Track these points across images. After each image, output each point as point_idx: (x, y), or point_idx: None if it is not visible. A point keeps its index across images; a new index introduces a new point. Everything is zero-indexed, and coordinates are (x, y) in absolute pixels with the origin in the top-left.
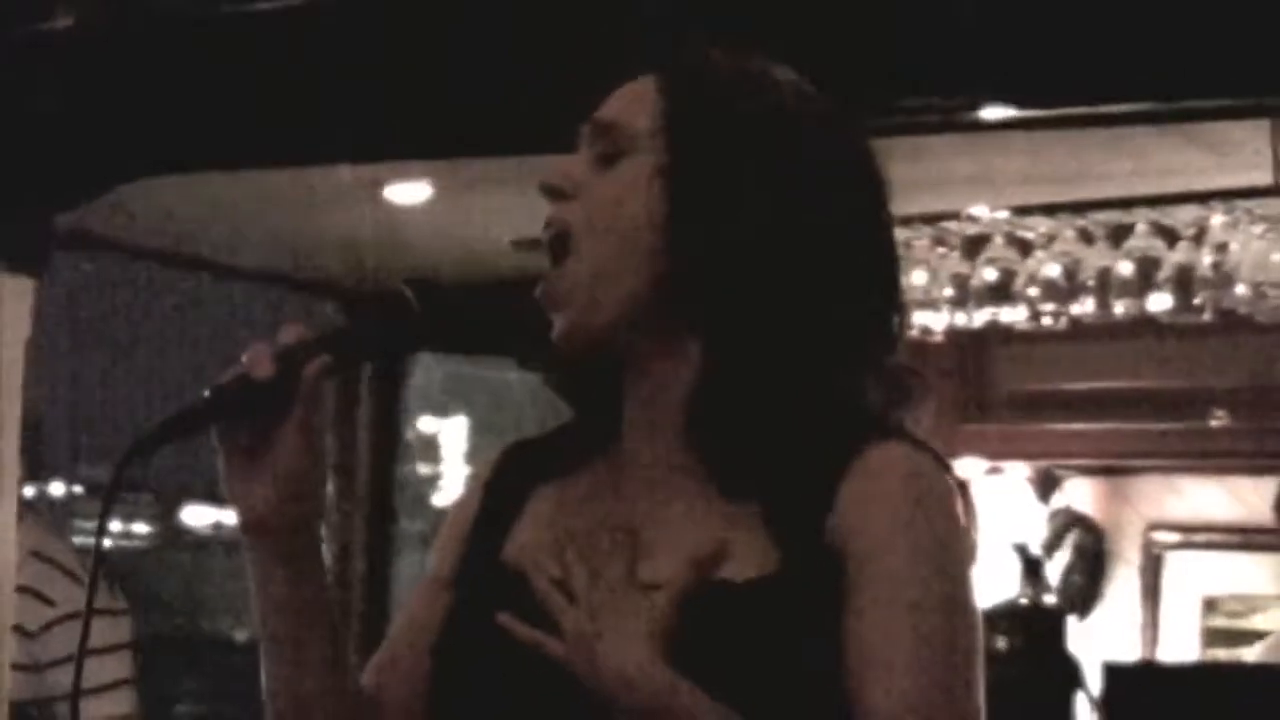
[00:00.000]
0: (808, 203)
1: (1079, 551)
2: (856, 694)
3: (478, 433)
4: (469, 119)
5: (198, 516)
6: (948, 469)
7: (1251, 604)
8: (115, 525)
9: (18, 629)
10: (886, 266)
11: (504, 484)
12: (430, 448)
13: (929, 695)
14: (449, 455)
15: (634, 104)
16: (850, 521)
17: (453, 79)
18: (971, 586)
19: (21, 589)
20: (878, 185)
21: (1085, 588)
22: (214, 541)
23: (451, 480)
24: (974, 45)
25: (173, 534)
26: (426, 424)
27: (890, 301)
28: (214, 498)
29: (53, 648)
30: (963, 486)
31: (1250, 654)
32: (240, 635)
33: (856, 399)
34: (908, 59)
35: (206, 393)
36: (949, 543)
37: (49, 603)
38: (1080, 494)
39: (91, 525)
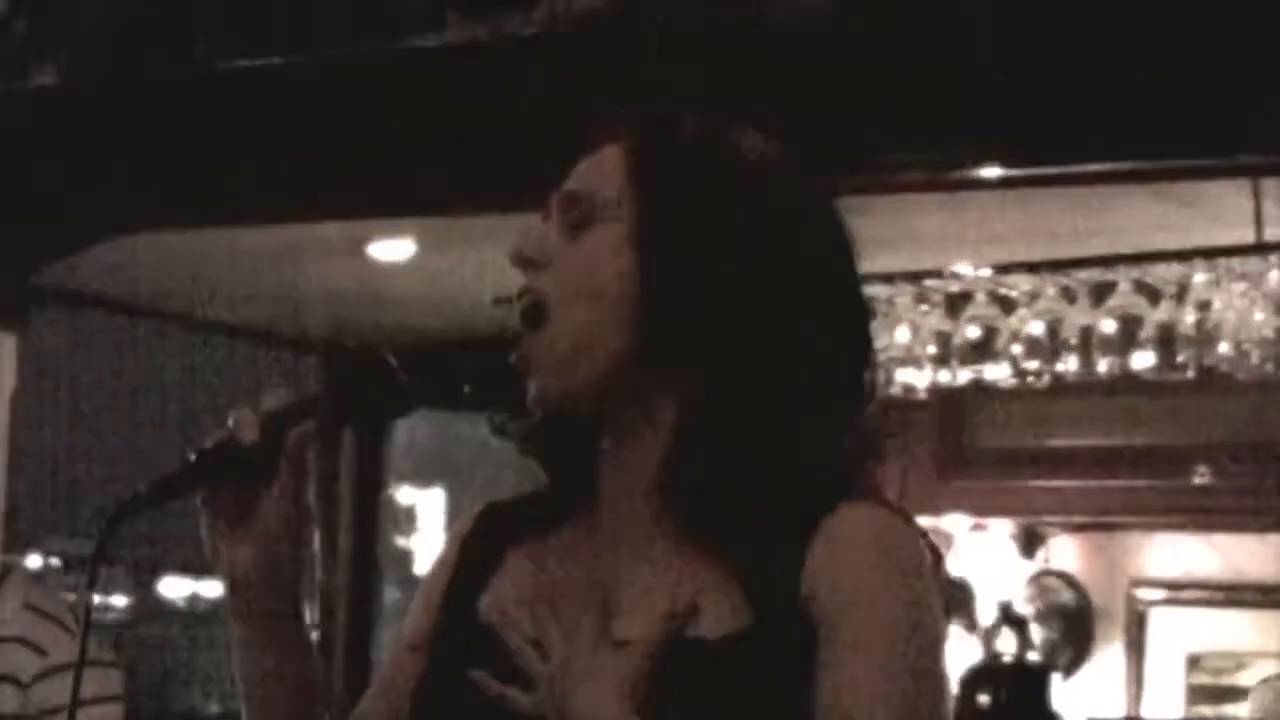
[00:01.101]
0: (777, 264)
1: (1062, 611)
2: None
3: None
4: (452, 177)
5: (174, 588)
6: (918, 531)
7: (1237, 660)
8: (94, 597)
9: (11, 679)
10: (858, 325)
11: (479, 544)
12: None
13: None
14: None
15: (601, 173)
16: (820, 584)
17: (437, 139)
18: (941, 650)
19: (15, 639)
20: (846, 244)
21: (1069, 647)
22: (189, 614)
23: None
24: (964, 106)
25: (150, 606)
26: (405, 494)
27: (862, 360)
28: (191, 569)
29: (46, 697)
30: (934, 550)
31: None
32: (213, 708)
33: (829, 459)
34: (897, 118)
35: (191, 456)
36: (918, 606)
37: (42, 653)
38: (1064, 551)
39: (70, 596)
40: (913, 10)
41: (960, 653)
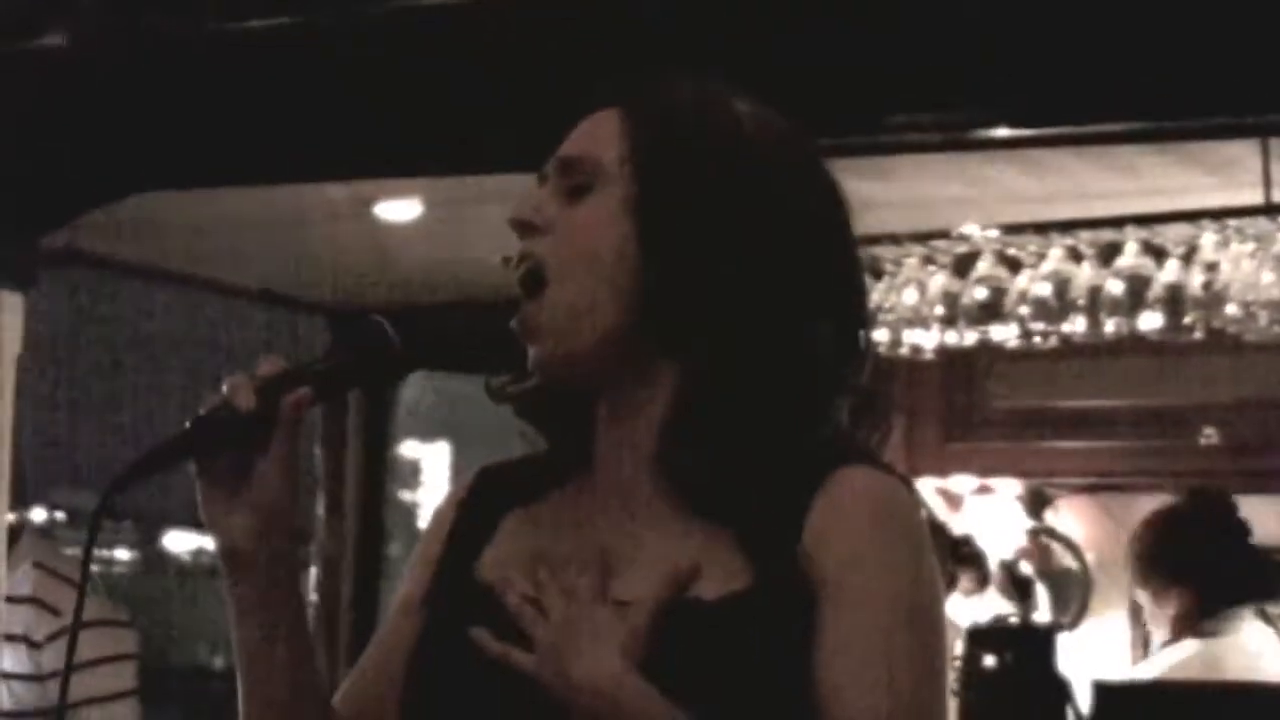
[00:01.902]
0: (774, 231)
1: (1060, 572)
2: (828, 712)
3: (459, 449)
4: (459, 137)
5: (179, 542)
6: (913, 492)
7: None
8: (98, 551)
9: (24, 639)
10: (854, 288)
11: (476, 507)
12: (415, 471)
13: (898, 714)
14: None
15: (599, 138)
16: (820, 544)
17: (444, 99)
18: (939, 610)
19: (28, 599)
20: (842, 208)
21: (1067, 608)
22: (195, 568)
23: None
24: (970, 67)
25: (154, 560)
26: (410, 448)
27: (858, 323)
28: (196, 523)
29: (59, 656)
30: (934, 525)
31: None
32: (218, 663)
33: (826, 421)
34: (907, 78)
35: (187, 424)
36: (915, 564)
37: (55, 613)
38: (1071, 512)
39: (73, 551)
40: None
41: (967, 611)
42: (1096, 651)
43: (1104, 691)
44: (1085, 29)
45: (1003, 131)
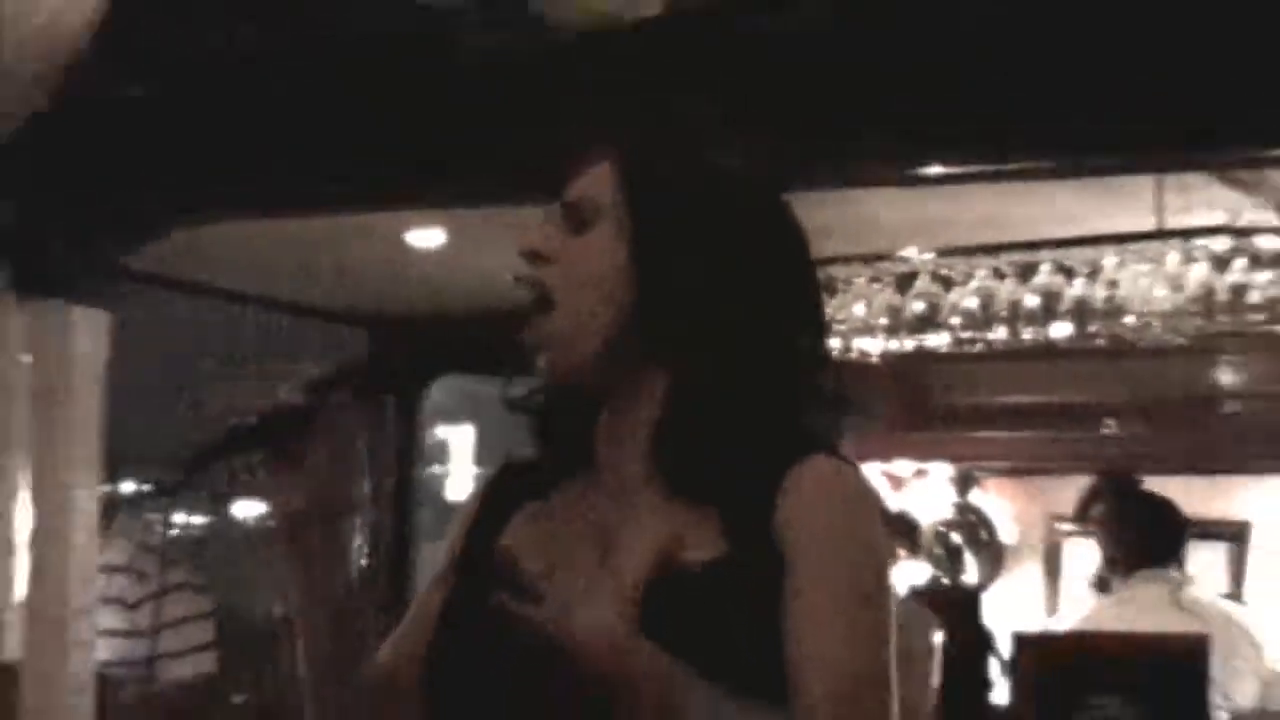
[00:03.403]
0: (744, 258)
1: (980, 541)
2: (796, 668)
3: (482, 430)
4: (475, 178)
5: (244, 510)
6: (866, 480)
7: None
8: (178, 518)
9: (119, 601)
10: (812, 305)
11: (498, 495)
12: (444, 450)
13: (857, 679)
14: (459, 454)
15: (596, 182)
16: (788, 525)
17: (465, 148)
18: (887, 578)
19: (123, 568)
20: (799, 237)
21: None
22: (259, 533)
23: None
24: (909, 113)
25: (225, 526)
26: (440, 430)
27: (817, 333)
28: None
29: (147, 616)
30: (885, 510)
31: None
32: (278, 610)
33: (794, 417)
34: (854, 124)
35: (251, 418)
36: (870, 544)
37: (144, 578)
38: (993, 491)
39: (157, 518)
40: (865, 38)
41: (906, 574)
42: (1014, 607)
43: (1022, 640)
44: (1005, 81)
45: (936, 170)
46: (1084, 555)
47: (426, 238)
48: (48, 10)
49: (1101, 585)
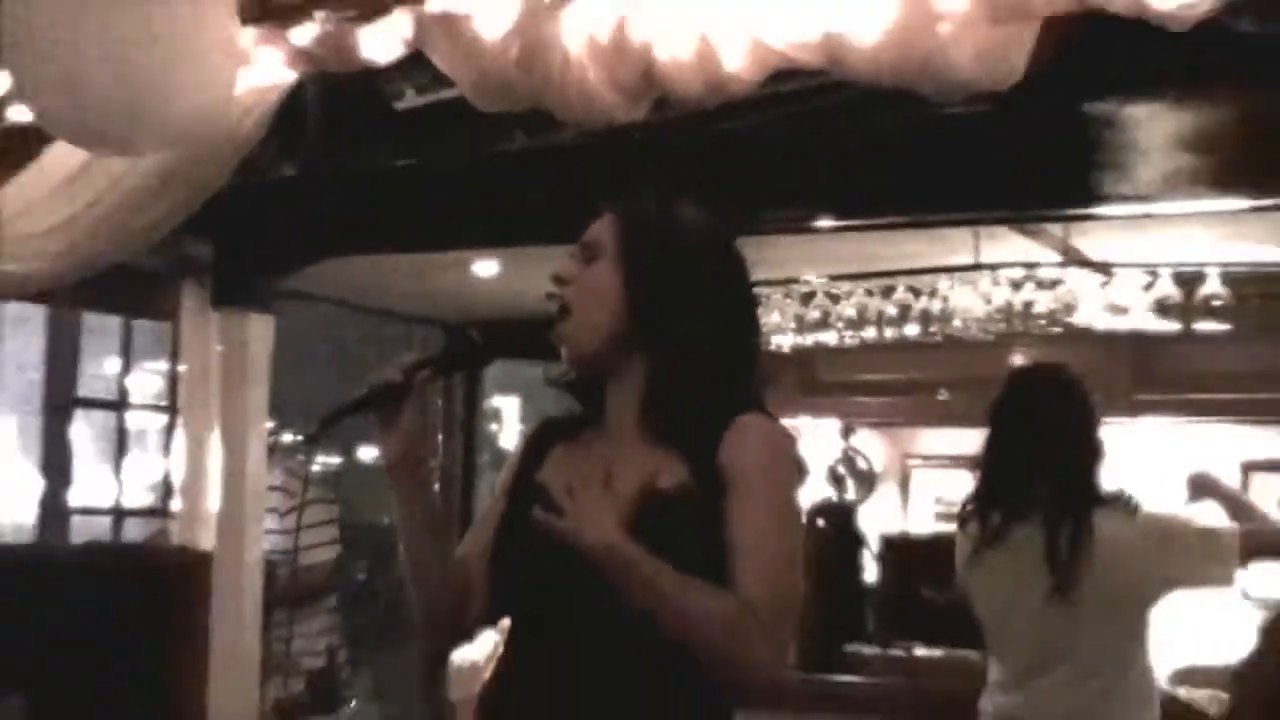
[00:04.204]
0: (703, 281)
1: (859, 471)
2: (735, 554)
3: (526, 400)
4: (522, 228)
5: (366, 453)
6: (786, 429)
7: (960, 501)
8: (319, 457)
9: (275, 510)
10: (750, 314)
11: (538, 442)
12: (497, 416)
13: (777, 566)
14: (509, 417)
15: (603, 231)
16: (730, 459)
17: (513, 206)
18: (799, 497)
19: (279, 488)
20: (741, 267)
21: (862, 492)
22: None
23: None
24: (807, 183)
25: (352, 463)
26: (495, 400)
27: (751, 332)
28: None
29: (293, 522)
30: (796, 450)
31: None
32: (386, 520)
33: (736, 389)
34: (771, 191)
35: (362, 390)
36: (788, 474)
37: (291, 495)
38: (866, 438)
39: (302, 455)
40: (780, 136)
41: (807, 495)
42: (879, 517)
43: (888, 542)
44: (875, 167)
45: (826, 223)
46: (926, 482)
47: (486, 268)
48: (237, 117)
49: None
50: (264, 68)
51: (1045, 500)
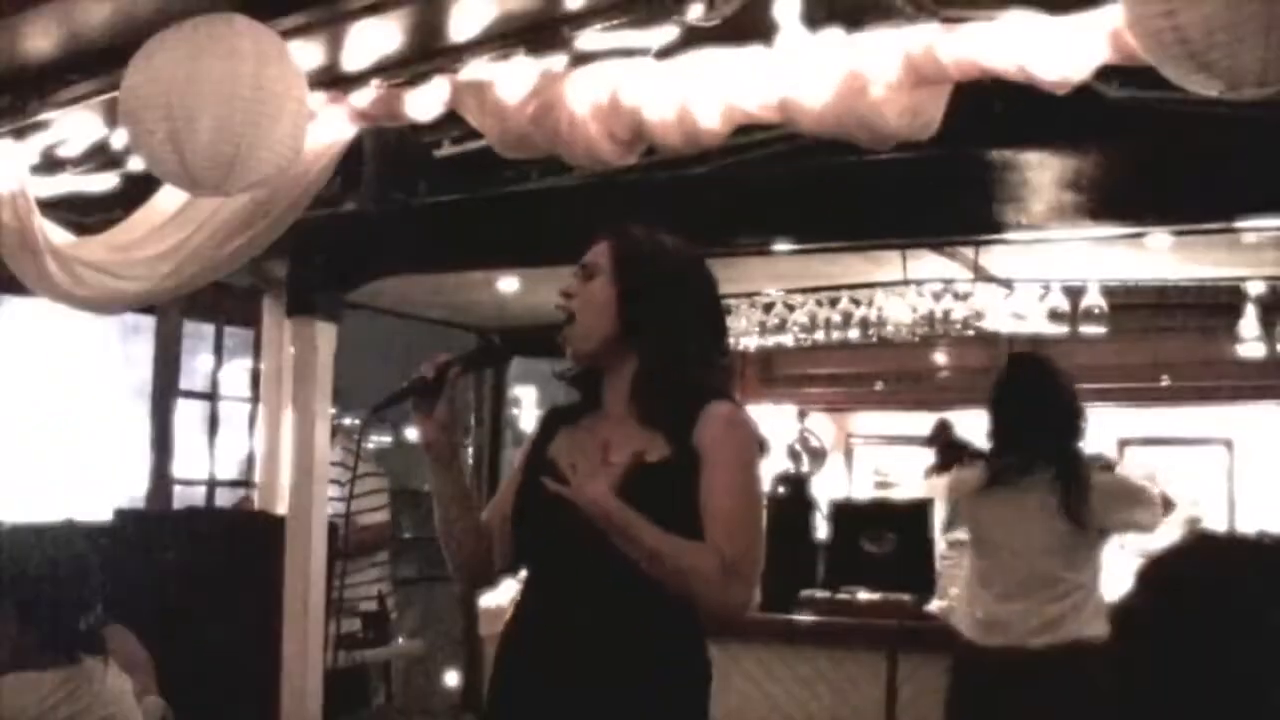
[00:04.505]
0: (682, 295)
1: (812, 448)
2: (707, 517)
3: (540, 389)
4: (536, 253)
5: (411, 434)
6: (749, 414)
7: (893, 476)
8: (372, 436)
9: (336, 481)
10: (719, 320)
11: (547, 425)
12: (518, 402)
13: (744, 525)
14: (526, 403)
15: (600, 254)
16: (703, 438)
17: (531, 236)
18: (759, 472)
19: (338, 463)
20: (712, 282)
21: (815, 465)
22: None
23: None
24: (765, 214)
25: (399, 441)
26: (516, 390)
27: (721, 334)
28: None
29: (352, 490)
30: (757, 430)
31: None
32: (426, 487)
33: (708, 381)
34: (741, 223)
35: (404, 384)
36: (750, 450)
37: (349, 468)
38: (818, 420)
39: (357, 436)
40: (738, 178)
41: (768, 468)
42: (828, 485)
43: (835, 506)
44: (824, 203)
45: (783, 246)
46: (867, 457)
47: (509, 284)
48: (309, 164)
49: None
50: (330, 124)
51: (1052, 455)
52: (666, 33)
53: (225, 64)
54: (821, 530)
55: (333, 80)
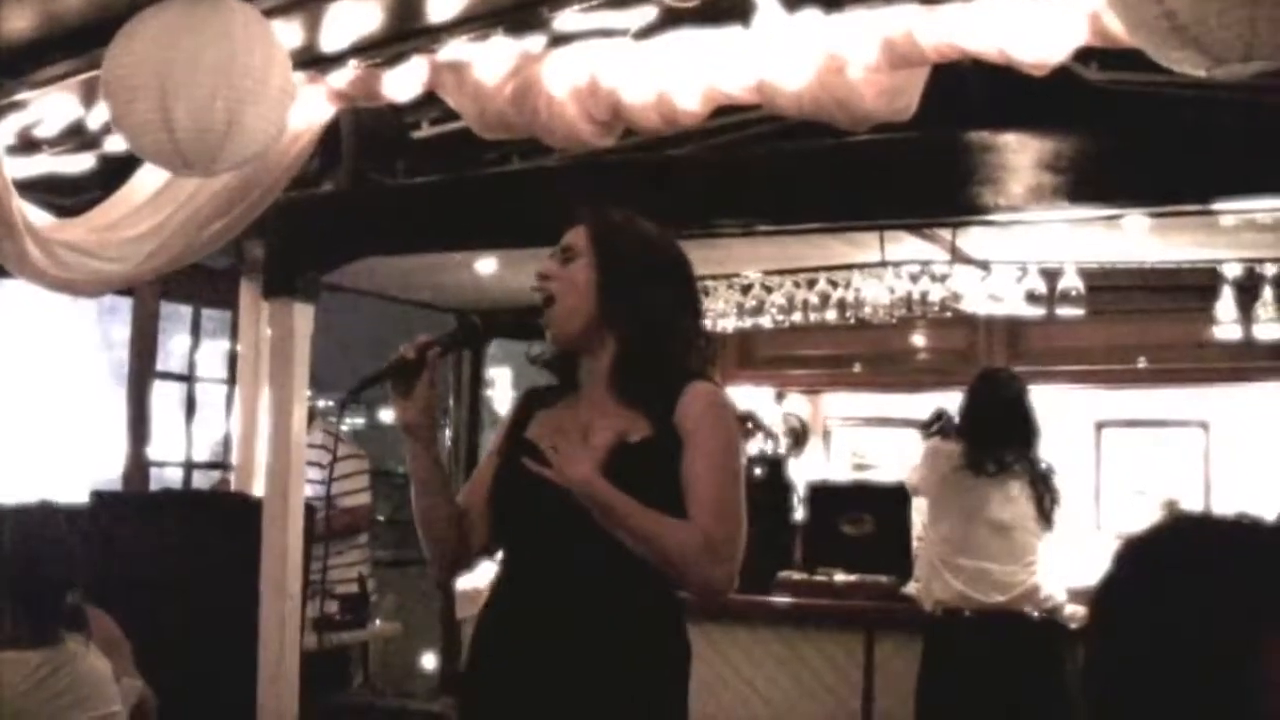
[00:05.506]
0: (658, 276)
1: (792, 429)
2: (689, 494)
3: (515, 371)
4: (513, 235)
5: (386, 415)
6: (727, 394)
7: (871, 458)
8: (348, 418)
9: (315, 464)
10: (696, 301)
11: (525, 407)
12: (493, 384)
13: (723, 508)
14: (501, 384)
15: (579, 237)
16: (683, 418)
17: (507, 216)
18: (740, 451)
19: (319, 446)
20: (687, 265)
21: (795, 446)
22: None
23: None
24: (741, 201)
25: (374, 424)
26: (492, 370)
27: (698, 316)
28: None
29: (330, 473)
30: (740, 412)
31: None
32: (401, 470)
33: (687, 362)
34: (721, 205)
35: (384, 364)
36: (730, 430)
37: (330, 452)
38: (796, 401)
39: (335, 418)
40: (719, 165)
41: (749, 449)
42: (806, 467)
43: (813, 488)
44: (804, 185)
45: (761, 228)
46: (845, 439)
47: (487, 265)
48: (288, 145)
49: None
50: (309, 104)
51: (1022, 456)
52: (645, 13)
53: (213, 42)
54: (799, 512)
55: (311, 60)
